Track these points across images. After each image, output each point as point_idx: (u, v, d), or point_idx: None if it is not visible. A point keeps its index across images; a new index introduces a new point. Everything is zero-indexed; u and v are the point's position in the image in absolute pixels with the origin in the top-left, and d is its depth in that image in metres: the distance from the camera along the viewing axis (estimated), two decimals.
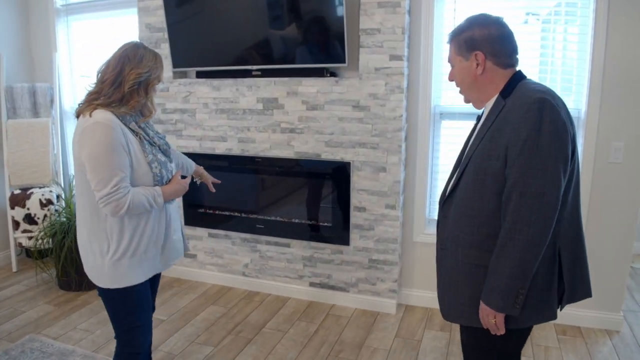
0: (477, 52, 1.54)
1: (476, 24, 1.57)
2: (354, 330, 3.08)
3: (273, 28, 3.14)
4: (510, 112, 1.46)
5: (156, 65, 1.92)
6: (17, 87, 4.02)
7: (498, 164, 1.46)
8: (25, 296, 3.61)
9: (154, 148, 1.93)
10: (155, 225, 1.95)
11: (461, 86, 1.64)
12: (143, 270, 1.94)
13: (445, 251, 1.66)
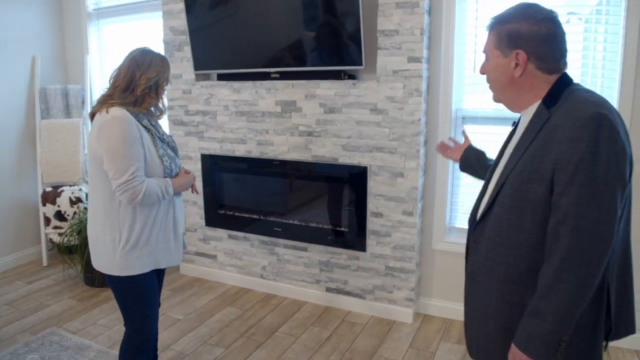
0: (519, 50, 1.30)
1: (525, 16, 1.31)
2: (367, 339, 3.01)
3: (291, 31, 3.11)
4: (559, 127, 1.22)
5: (164, 68, 2.06)
6: (50, 88, 4.16)
7: (542, 190, 1.24)
8: (52, 290, 3.73)
9: (164, 144, 2.08)
10: (164, 217, 2.07)
11: (493, 84, 1.42)
12: (152, 261, 2.06)
13: (475, 282, 1.46)
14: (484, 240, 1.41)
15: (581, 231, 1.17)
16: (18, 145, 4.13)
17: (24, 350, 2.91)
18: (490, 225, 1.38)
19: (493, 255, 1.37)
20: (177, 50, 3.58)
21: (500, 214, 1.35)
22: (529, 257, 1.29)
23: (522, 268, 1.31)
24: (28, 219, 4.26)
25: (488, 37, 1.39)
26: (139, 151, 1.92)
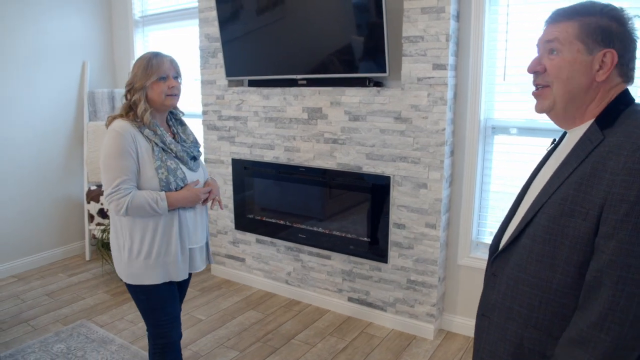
0: (611, 50, 1.08)
1: (612, 14, 1.11)
2: (383, 353, 2.93)
3: (318, 39, 3.10)
4: (614, 154, 1.02)
5: (140, 69, 1.98)
6: (98, 92, 4.38)
7: (585, 226, 1.04)
8: (89, 284, 3.91)
9: (167, 155, 2.00)
10: (167, 230, 2.01)
11: (559, 84, 1.14)
12: (157, 274, 2.02)
13: (488, 320, 1.27)
14: (505, 275, 1.22)
15: (630, 284, 0.98)
16: (67, 145, 4.37)
17: (53, 339, 3.07)
18: (515, 259, 1.19)
19: (514, 293, 1.18)
20: (211, 56, 3.66)
21: (529, 247, 1.15)
22: (558, 303, 1.10)
23: (548, 313, 1.12)
24: (74, 215, 4.49)
25: (562, 26, 1.13)
26: (129, 164, 1.91)
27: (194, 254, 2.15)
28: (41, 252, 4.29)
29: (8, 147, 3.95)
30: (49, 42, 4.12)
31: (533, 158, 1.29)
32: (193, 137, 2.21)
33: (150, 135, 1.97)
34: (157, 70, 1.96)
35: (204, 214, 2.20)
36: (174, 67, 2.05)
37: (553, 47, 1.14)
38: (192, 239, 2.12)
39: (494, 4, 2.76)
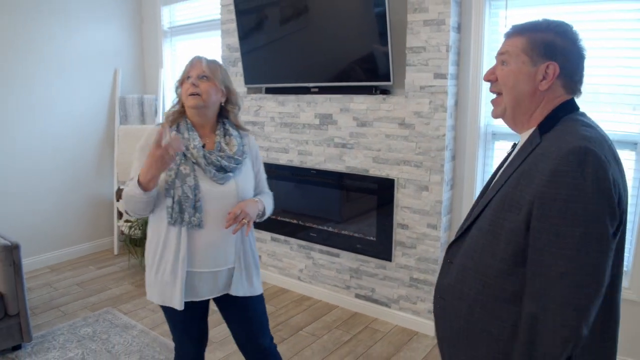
0: (553, 62, 1.21)
1: (560, 31, 1.23)
2: (384, 346, 3.09)
3: (329, 50, 3.30)
4: (544, 156, 1.14)
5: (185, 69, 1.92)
6: (129, 97, 4.69)
7: (518, 219, 1.16)
8: (116, 276, 4.19)
9: (185, 159, 1.83)
10: (166, 247, 1.85)
11: (509, 92, 1.27)
12: (156, 293, 1.89)
13: (444, 302, 1.39)
14: (457, 262, 1.36)
15: (561, 281, 1.09)
16: (99, 146, 4.68)
17: (81, 324, 3.34)
18: (465, 248, 1.33)
19: (464, 278, 1.31)
20: (232, 65, 3.91)
21: (475, 237, 1.29)
22: (498, 287, 1.22)
23: (490, 295, 1.24)
24: (104, 212, 4.80)
25: (512, 40, 1.26)
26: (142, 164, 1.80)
27: (196, 279, 1.87)
28: (73, 246, 4.60)
29: (46, 147, 4.29)
30: (85, 50, 4.45)
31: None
32: (237, 149, 1.90)
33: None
34: (186, 71, 1.90)
35: (227, 236, 1.87)
36: (201, 68, 1.87)
37: (504, 59, 1.28)
38: (196, 263, 1.86)
39: (493, 16, 2.91)
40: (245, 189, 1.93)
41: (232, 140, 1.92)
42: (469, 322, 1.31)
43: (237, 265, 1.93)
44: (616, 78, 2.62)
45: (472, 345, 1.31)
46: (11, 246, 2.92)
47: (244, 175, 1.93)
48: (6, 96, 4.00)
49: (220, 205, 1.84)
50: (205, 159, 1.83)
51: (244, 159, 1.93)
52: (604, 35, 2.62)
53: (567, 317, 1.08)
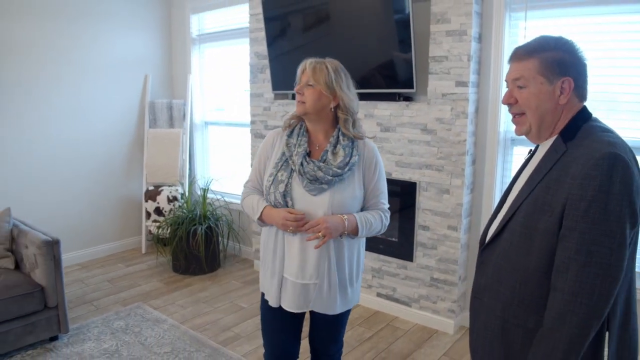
0: (568, 78, 1.33)
1: (565, 46, 1.35)
2: (405, 343, 3.21)
3: (355, 57, 3.45)
4: (575, 162, 1.27)
5: (297, 75, 1.94)
6: (158, 102, 4.88)
7: (551, 221, 1.29)
8: (145, 273, 4.36)
9: (286, 166, 1.88)
10: (268, 245, 1.95)
11: (531, 112, 1.38)
12: (263, 285, 2.01)
13: (480, 301, 1.51)
14: (491, 263, 1.47)
15: (593, 267, 1.21)
16: (129, 149, 4.87)
17: (113, 317, 3.50)
18: (499, 250, 1.44)
19: (499, 278, 1.42)
20: (260, 72, 4.07)
21: (509, 239, 1.40)
22: (535, 282, 1.34)
23: (527, 292, 1.36)
24: (132, 212, 4.99)
25: (524, 64, 1.37)
26: (258, 167, 2.00)
27: (287, 286, 1.90)
28: (102, 244, 4.78)
29: (80, 148, 4.48)
30: (117, 56, 4.66)
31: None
32: (341, 161, 1.84)
33: (284, 144, 1.92)
34: (297, 77, 1.92)
35: (319, 249, 1.83)
36: (307, 75, 1.87)
37: (520, 83, 1.37)
38: (288, 268, 1.90)
39: (513, 27, 3.04)
40: (342, 202, 1.84)
41: (340, 150, 1.85)
42: (505, 320, 1.42)
43: (321, 282, 1.88)
44: (636, 87, 2.73)
45: (507, 341, 1.42)
46: (52, 241, 3.10)
47: (344, 188, 1.85)
48: (46, 100, 4.20)
49: (310, 216, 1.81)
50: (302, 168, 1.83)
51: (347, 172, 1.84)
52: (624, 46, 2.73)
53: (589, 295, 1.22)
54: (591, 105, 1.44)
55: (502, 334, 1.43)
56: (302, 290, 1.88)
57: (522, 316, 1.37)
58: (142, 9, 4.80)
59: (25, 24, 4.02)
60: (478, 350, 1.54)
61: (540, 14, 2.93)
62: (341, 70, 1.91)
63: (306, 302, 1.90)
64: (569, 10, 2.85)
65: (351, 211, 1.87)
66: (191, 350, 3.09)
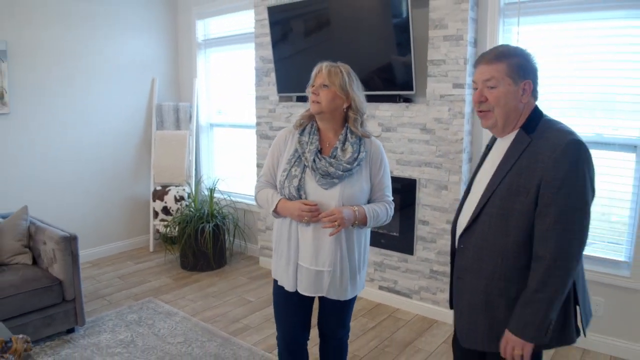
0: (528, 80, 1.58)
1: (523, 54, 1.61)
2: (407, 332, 3.38)
3: (356, 61, 3.62)
4: (543, 151, 1.52)
5: (312, 76, 2.09)
6: (165, 105, 5.04)
7: (527, 201, 1.52)
8: (154, 270, 4.52)
9: (299, 162, 2.03)
10: (282, 236, 2.08)
11: (501, 109, 1.60)
12: (277, 272, 2.15)
13: (462, 281, 1.73)
14: (471, 245, 1.68)
15: (570, 233, 1.47)
16: (137, 150, 5.03)
17: (127, 311, 3.66)
18: (477, 232, 1.65)
19: (481, 257, 1.64)
20: (265, 75, 4.24)
21: (488, 222, 1.62)
22: (514, 257, 1.58)
23: (507, 266, 1.59)
24: (140, 212, 5.14)
25: (494, 67, 1.59)
26: (271, 163, 2.13)
27: (302, 272, 2.05)
28: (112, 243, 4.93)
29: (90, 150, 4.64)
30: (125, 60, 4.82)
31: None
32: (351, 156, 1.99)
33: (297, 142, 2.07)
34: (312, 78, 2.08)
35: (331, 238, 1.98)
36: (322, 77, 2.01)
37: (491, 84, 1.60)
38: (302, 256, 2.04)
39: (507, 32, 3.22)
40: (352, 195, 1.99)
41: (348, 147, 2.01)
42: (488, 293, 1.64)
43: (334, 269, 2.02)
44: (616, 87, 2.92)
45: (491, 313, 1.64)
46: (70, 237, 3.25)
47: (353, 182, 2.00)
48: (57, 103, 4.36)
49: (323, 208, 1.95)
50: (315, 164, 1.98)
51: (356, 167, 2.00)
52: (605, 49, 2.92)
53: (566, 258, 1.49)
54: (581, 105, 1.65)
55: (485, 308, 1.66)
56: (316, 277, 2.02)
57: (504, 288, 1.60)
58: (149, 15, 4.97)
59: (39, 30, 4.18)
60: (464, 327, 1.75)
61: (532, 20, 3.11)
62: (352, 74, 2.06)
63: (320, 287, 2.05)
64: (559, 16, 3.03)
65: (359, 203, 2.02)
66: (203, 340, 3.24)
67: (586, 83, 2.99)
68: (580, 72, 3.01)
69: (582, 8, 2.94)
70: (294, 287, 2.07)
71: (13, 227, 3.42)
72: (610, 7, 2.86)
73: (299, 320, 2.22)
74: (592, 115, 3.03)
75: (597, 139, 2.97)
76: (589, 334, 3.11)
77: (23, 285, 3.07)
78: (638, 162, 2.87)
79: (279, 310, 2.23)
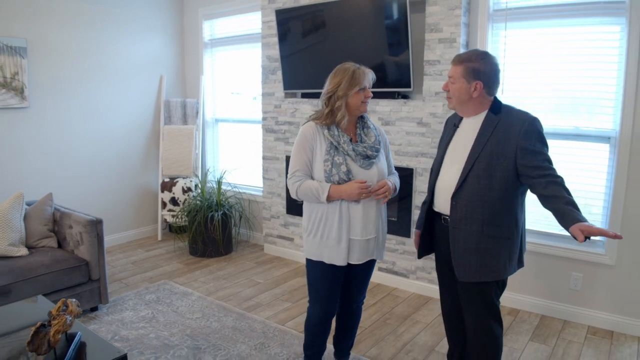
0: (479, 81, 2.10)
1: (484, 59, 2.11)
2: (405, 307, 3.72)
3: (359, 60, 3.94)
4: (511, 124, 2.07)
5: (347, 80, 2.28)
6: (172, 100, 5.32)
7: (506, 162, 2.06)
8: (165, 257, 4.79)
9: (338, 152, 2.28)
10: (329, 218, 2.32)
11: (455, 99, 2.17)
12: (317, 253, 2.37)
13: (458, 230, 2.16)
14: (463, 201, 2.14)
15: (555, 170, 2.05)
16: (146, 144, 5.30)
17: (144, 292, 3.93)
18: (468, 190, 2.12)
19: (473, 208, 2.12)
20: (271, 73, 4.55)
21: (476, 182, 2.11)
22: (497, 205, 2.11)
23: (495, 213, 2.10)
24: (149, 202, 5.41)
25: (456, 68, 2.14)
26: (305, 158, 2.31)
27: (354, 245, 2.33)
28: (122, 232, 5.20)
29: (101, 144, 4.90)
30: (135, 59, 5.09)
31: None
32: (375, 139, 2.36)
33: (328, 136, 2.29)
34: (359, 81, 2.28)
35: (374, 210, 2.35)
36: (370, 79, 2.34)
37: (451, 80, 2.18)
38: (354, 231, 2.32)
39: (495, 35, 3.57)
40: (384, 171, 2.40)
41: (370, 132, 2.37)
42: (481, 235, 2.13)
43: (378, 235, 2.40)
44: (593, 85, 3.29)
45: (481, 251, 2.13)
46: (96, 221, 3.53)
47: (381, 160, 2.39)
48: (71, 100, 4.62)
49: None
50: (355, 151, 2.28)
51: (380, 147, 2.38)
52: (583, 52, 3.28)
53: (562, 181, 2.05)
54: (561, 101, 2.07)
55: (476, 248, 2.14)
56: (366, 245, 2.36)
57: (495, 229, 2.12)
58: (157, 17, 5.24)
59: (56, 30, 4.44)
60: (460, 264, 2.20)
61: (518, 25, 3.47)
62: None
63: (368, 253, 2.40)
64: (542, 22, 3.39)
65: (387, 176, 2.45)
66: (220, 316, 3.54)
67: (565, 82, 3.36)
68: (560, 72, 3.37)
69: (562, 15, 3.30)
70: (346, 260, 2.35)
71: (39, 213, 3.68)
72: (587, 14, 3.22)
73: (338, 292, 2.51)
74: (571, 111, 3.40)
75: (576, 132, 3.34)
76: (569, 306, 3.49)
77: (53, 265, 3.33)
78: (611, 151, 3.25)
79: (324, 286, 2.45)
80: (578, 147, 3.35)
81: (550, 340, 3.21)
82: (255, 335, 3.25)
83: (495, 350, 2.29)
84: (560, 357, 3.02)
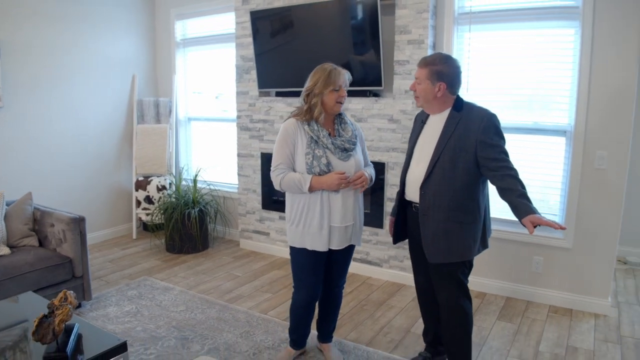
0: (442, 83, 2.32)
1: (446, 62, 2.34)
2: (380, 294, 3.93)
3: (332, 59, 4.12)
4: (471, 120, 2.31)
5: (324, 79, 2.44)
6: (145, 100, 5.37)
7: (467, 156, 2.30)
8: (142, 254, 4.85)
9: (318, 145, 2.46)
10: (311, 208, 2.50)
11: (422, 98, 2.41)
12: (300, 241, 2.56)
13: (426, 217, 2.41)
14: (430, 191, 2.38)
15: (511, 162, 2.30)
16: (119, 143, 5.33)
17: (126, 288, 4.00)
18: (434, 180, 2.36)
19: (439, 195, 2.36)
20: (245, 73, 4.67)
21: (441, 173, 2.34)
22: (461, 194, 2.34)
23: (459, 201, 2.34)
24: (123, 201, 5.44)
25: (421, 70, 2.37)
26: (287, 152, 2.48)
27: (334, 231, 2.52)
28: (96, 231, 5.21)
29: (74, 143, 4.91)
30: (106, 58, 5.11)
31: None
32: (352, 133, 2.55)
33: (309, 131, 2.47)
34: (334, 81, 2.44)
35: (352, 199, 2.54)
36: (346, 80, 2.51)
37: (418, 81, 2.41)
38: (334, 218, 2.51)
39: (460, 37, 3.82)
40: (360, 163, 2.59)
41: (347, 127, 2.56)
42: (446, 221, 2.37)
43: (355, 222, 2.59)
44: (549, 84, 3.58)
45: (448, 234, 2.37)
46: (79, 218, 3.58)
47: (358, 153, 2.59)
48: (44, 98, 4.62)
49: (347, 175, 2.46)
50: (334, 145, 2.47)
51: (357, 140, 2.58)
52: (540, 52, 3.57)
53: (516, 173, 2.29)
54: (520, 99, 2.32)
55: (444, 232, 2.38)
56: (345, 231, 2.55)
57: (458, 216, 2.36)
58: (129, 16, 5.28)
59: (29, 30, 4.43)
60: (430, 247, 2.43)
61: (481, 27, 3.73)
62: None
63: (347, 239, 2.59)
64: (503, 25, 3.66)
65: (363, 168, 2.64)
66: (203, 308, 3.65)
67: (525, 80, 3.64)
68: (520, 71, 3.65)
69: (522, 18, 3.57)
70: (327, 246, 2.54)
71: (19, 212, 3.69)
72: (545, 18, 3.51)
73: (321, 277, 2.69)
74: (529, 107, 3.68)
75: (534, 126, 3.62)
76: (532, 288, 3.77)
77: (37, 263, 3.37)
78: (567, 144, 3.55)
79: (308, 272, 2.63)
80: (537, 141, 3.64)
81: (515, 319, 3.48)
82: (239, 325, 3.38)
83: (466, 325, 2.53)
84: (525, 333, 3.29)
